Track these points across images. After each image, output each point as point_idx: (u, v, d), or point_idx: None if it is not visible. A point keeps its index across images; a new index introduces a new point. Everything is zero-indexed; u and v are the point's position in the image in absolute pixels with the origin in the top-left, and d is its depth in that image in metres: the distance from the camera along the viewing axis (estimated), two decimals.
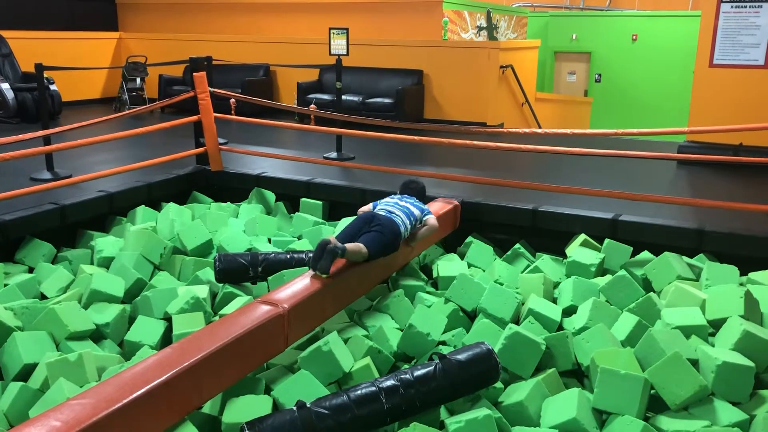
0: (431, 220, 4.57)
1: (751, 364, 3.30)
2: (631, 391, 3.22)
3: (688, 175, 6.72)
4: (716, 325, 3.74)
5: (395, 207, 4.41)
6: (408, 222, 4.35)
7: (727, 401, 3.25)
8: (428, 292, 4.55)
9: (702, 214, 5.06)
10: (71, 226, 5.39)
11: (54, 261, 5.05)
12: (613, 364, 3.35)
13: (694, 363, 3.39)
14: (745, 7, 6.67)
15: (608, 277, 4.36)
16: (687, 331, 3.66)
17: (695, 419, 3.17)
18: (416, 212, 4.49)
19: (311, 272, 3.86)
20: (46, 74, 6.28)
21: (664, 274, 4.34)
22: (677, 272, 4.30)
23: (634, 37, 15.24)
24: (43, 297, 4.53)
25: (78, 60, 11.20)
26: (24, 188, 5.12)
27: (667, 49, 14.68)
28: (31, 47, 10.68)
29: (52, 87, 9.62)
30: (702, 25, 6.96)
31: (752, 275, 4.30)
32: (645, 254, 4.67)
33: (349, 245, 3.90)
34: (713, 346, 3.61)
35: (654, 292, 4.31)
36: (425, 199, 4.98)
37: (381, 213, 4.31)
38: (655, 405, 3.33)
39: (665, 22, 14.86)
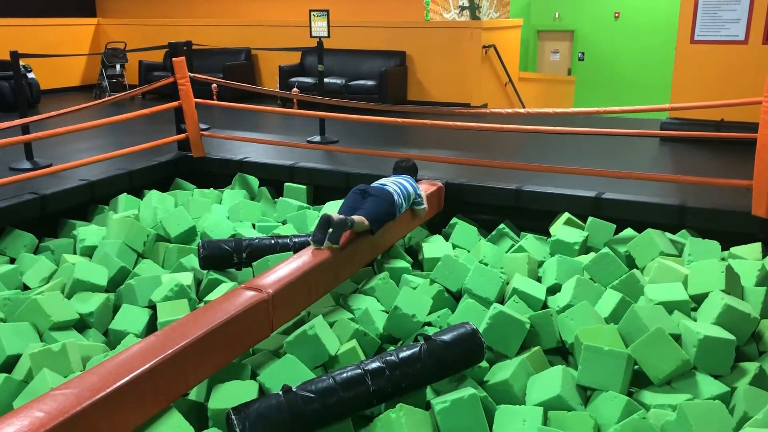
0: (422, 203, 4.79)
1: (732, 337, 3.33)
2: (615, 367, 3.25)
3: (671, 151, 6.75)
4: (698, 300, 3.78)
5: (388, 181, 4.60)
6: (401, 193, 4.51)
7: (708, 374, 3.29)
8: (414, 274, 4.56)
9: (684, 191, 5.09)
10: (53, 215, 5.34)
11: (36, 251, 5.01)
12: (597, 341, 3.38)
13: (677, 338, 3.42)
14: None
15: (592, 255, 4.38)
16: (669, 306, 3.69)
17: (678, 393, 3.21)
18: (409, 188, 4.65)
19: (300, 254, 3.88)
20: (23, 62, 6.19)
21: (647, 251, 4.37)
22: (660, 248, 4.33)
23: (617, 15, 15.20)
24: (25, 288, 4.50)
25: (56, 47, 11.04)
26: (3, 178, 5.05)
27: (650, 26, 14.66)
28: (6, 34, 10.51)
29: (30, 75, 9.48)
30: (683, 1, 6.96)
31: (734, 250, 4.34)
32: (628, 231, 4.70)
33: (355, 217, 4.08)
34: (695, 320, 3.64)
35: (637, 268, 4.34)
36: (417, 176, 5.15)
37: (374, 185, 4.50)
38: (638, 380, 3.37)
39: None
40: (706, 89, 6.81)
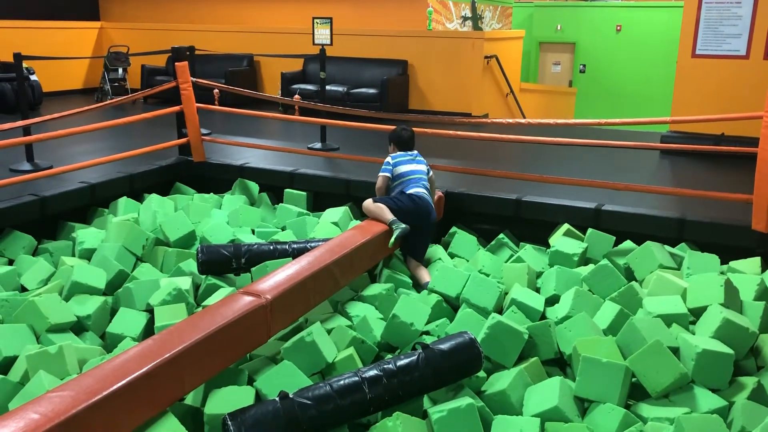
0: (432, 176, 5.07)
1: (730, 351, 3.33)
2: (613, 379, 3.25)
3: (671, 164, 6.76)
4: (697, 313, 3.77)
5: (421, 183, 4.83)
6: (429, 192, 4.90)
7: (706, 388, 3.28)
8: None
9: (684, 204, 5.10)
10: (52, 217, 5.33)
11: (35, 253, 5.00)
12: (595, 353, 3.37)
13: (675, 351, 3.42)
14: None
15: (591, 267, 4.38)
16: (668, 319, 3.69)
17: (675, 406, 3.20)
18: (426, 172, 4.97)
19: (298, 260, 3.91)
20: (26, 64, 6.20)
21: (646, 263, 4.37)
22: (659, 261, 4.33)
23: (618, 28, 15.28)
24: (23, 289, 4.49)
25: (59, 50, 11.06)
26: (3, 179, 5.05)
27: (651, 40, 14.74)
28: (9, 36, 10.52)
29: (33, 77, 9.49)
30: (685, 16, 6.99)
31: (733, 264, 4.34)
32: (627, 243, 4.69)
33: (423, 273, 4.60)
34: (694, 334, 3.64)
35: (636, 281, 4.33)
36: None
37: (424, 203, 4.72)
38: (636, 392, 3.36)
39: (649, 13, 14.90)
40: (706, 103, 6.83)
